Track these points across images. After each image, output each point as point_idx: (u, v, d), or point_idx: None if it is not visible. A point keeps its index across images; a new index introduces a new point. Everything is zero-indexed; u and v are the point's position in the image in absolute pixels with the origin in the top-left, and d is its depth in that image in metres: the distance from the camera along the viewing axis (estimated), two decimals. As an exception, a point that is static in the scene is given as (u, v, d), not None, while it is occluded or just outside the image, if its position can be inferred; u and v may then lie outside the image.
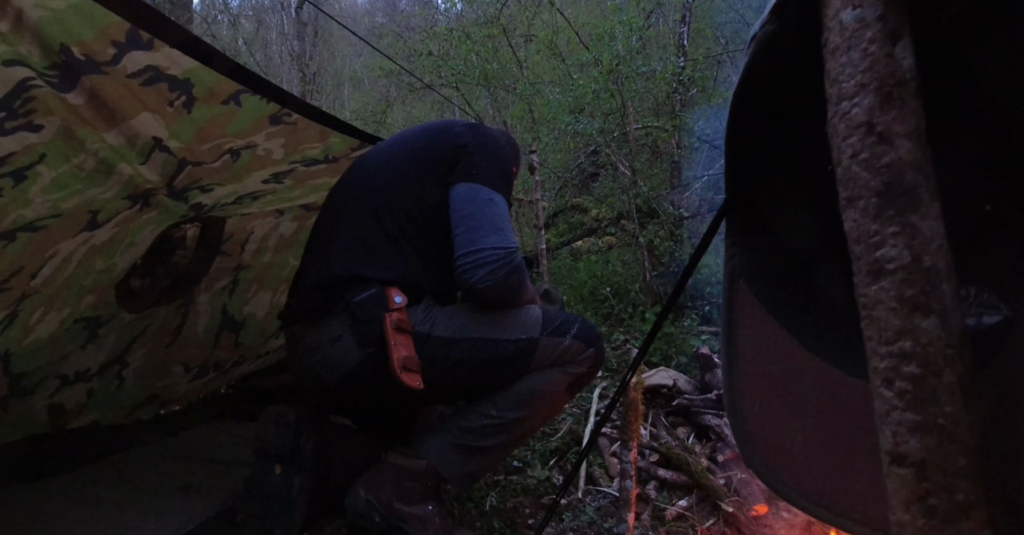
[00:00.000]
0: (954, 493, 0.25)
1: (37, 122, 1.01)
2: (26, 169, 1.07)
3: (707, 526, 1.52)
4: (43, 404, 1.70)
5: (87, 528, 1.36)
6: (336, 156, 1.72)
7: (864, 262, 0.28)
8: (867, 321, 0.28)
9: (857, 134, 0.28)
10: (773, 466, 0.47)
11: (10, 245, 1.22)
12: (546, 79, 4.59)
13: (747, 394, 0.47)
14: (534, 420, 1.34)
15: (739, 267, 0.49)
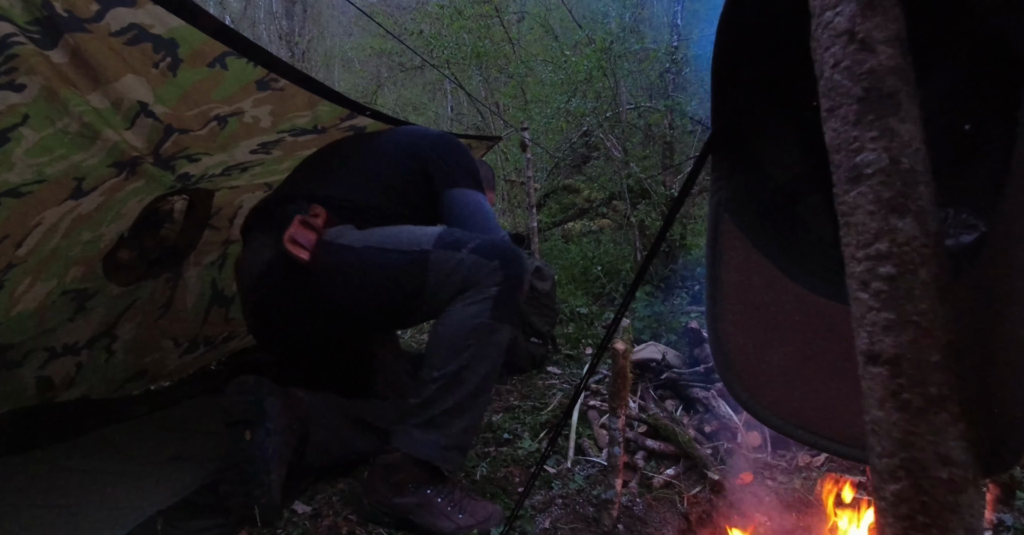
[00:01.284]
0: (927, 387, 0.25)
1: (20, 81, 0.99)
2: (9, 130, 1.06)
3: (693, 493, 1.55)
4: (32, 377, 1.70)
5: (78, 497, 1.37)
6: (325, 126, 1.71)
7: (844, 169, 0.28)
8: (845, 228, 0.28)
9: (839, 43, 0.28)
10: (754, 391, 0.48)
11: (-7, 211, 1.20)
12: (539, 58, 4.55)
13: (730, 322, 0.48)
14: (479, 364, 1.27)
15: (724, 200, 0.50)
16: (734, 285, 0.47)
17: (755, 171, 0.48)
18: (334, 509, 1.38)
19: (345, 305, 1.36)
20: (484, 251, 1.30)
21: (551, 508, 1.44)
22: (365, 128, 1.85)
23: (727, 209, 0.49)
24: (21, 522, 1.26)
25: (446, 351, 1.26)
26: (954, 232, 0.36)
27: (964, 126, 0.35)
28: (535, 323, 2.58)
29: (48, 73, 1.01)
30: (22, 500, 1.37)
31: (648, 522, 1.40)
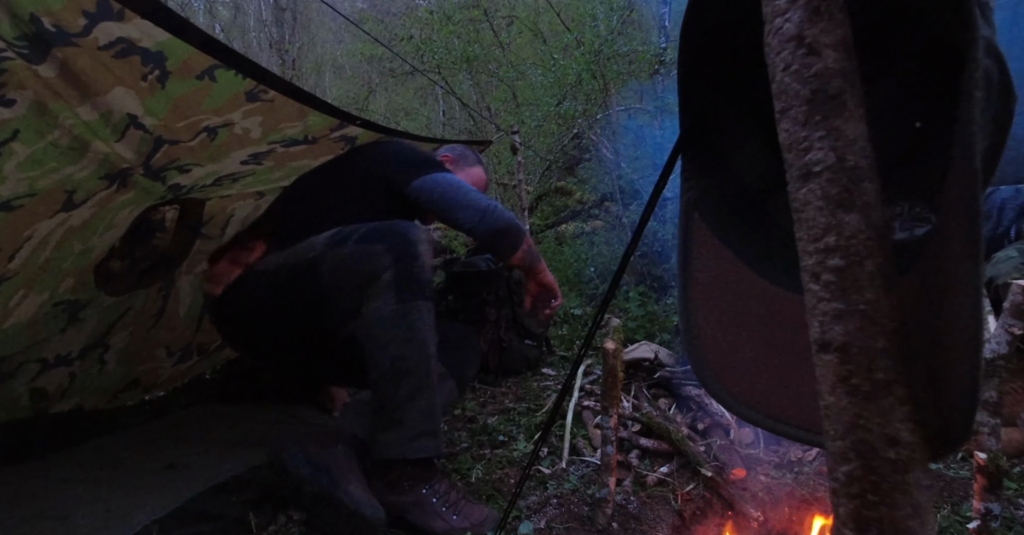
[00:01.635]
0: (874, 372, 0.27)
1: (10, 96, 0.99)
2: (0, 145, 1.06)
3: (687, 490, 1.56)
4: (25, 388, 1.70)
5: (74, 507, 1.37)
6: (315, 136, 1.72)
7: (795, 167, 0.30)
8: (798, 223, 0.30)
9: (788, 47, 0.30)
10: (724, 383, 0.49)
11: (-15, 224, 1.21)
12: (529, 62, 4.58)
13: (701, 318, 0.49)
14: (407, 350, 1.28)
15: (693, 200, 0.51)
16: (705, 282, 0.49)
17: (723, 170, 0.50)
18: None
19: (272, 320, 1.46)
20: (368, 237, 1.33)
21: (546, 508, 1.45)
22: (356, 138, 1.86)
23: (696, 208, 0.50)
24: (18, 533, 1.26)
25: (373, 352, 1.29)
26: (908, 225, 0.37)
27: (915, 124, 0.37)
28: (528, 324, 2.59)
29: (37, 87, 1.02)
30: (18, 511, 1.37)
31: (642, 520, 1.41)
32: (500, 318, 2.55)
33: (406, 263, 1.29)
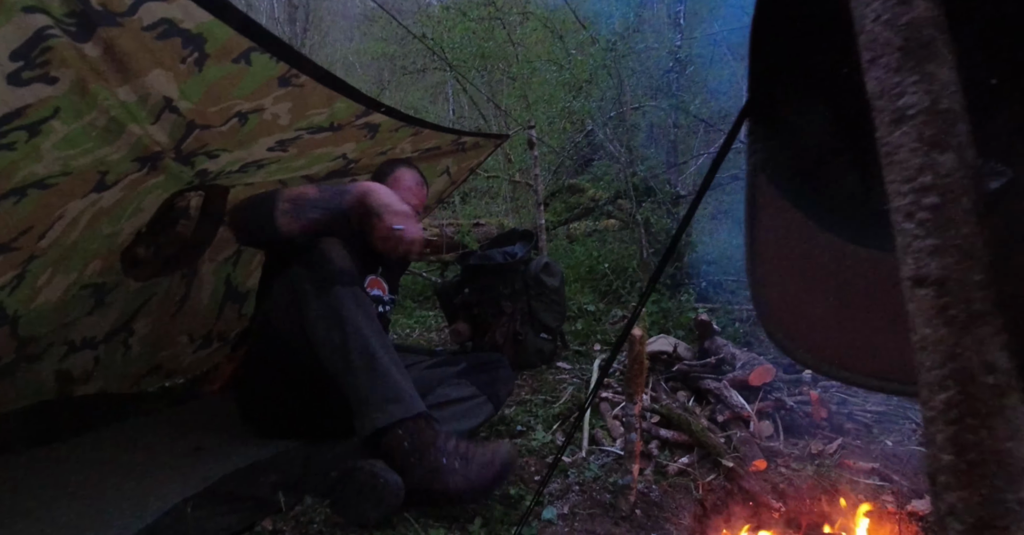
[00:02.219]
0: (971, 303, 0.28)
1: (53, 74, 1.01)
2: (40, 123, 1.08)
3: (708, 481, 1.56)
4: (51, 370, 1.72)
5: (103, 488, 1.38)
6: (340, 123, 1.73)
7: (887, 113, 0.31)
8: (889, 166, 0.31)
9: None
10: (794, 338, 0.50)
11: (20, 202, 1.23)
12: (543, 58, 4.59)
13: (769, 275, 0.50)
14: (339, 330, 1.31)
15: (760, 162, 0.52)
16: (772, 241, 0.50)
17: (788, 133, 0.51)
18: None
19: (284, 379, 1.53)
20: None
21: (568, 494, 1.46)
22: (379, 126, 1.88)
23: (763, 169, 0.51)
24: (50, 513, 1.28)
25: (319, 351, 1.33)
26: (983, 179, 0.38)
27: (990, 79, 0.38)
28: (544, 318, 2.60)
29: (80, 66, 1.04)
30: (48, 491, 1.39)
31: (664, 507, 1.41)
32: (516, 311, 2.56)
33: (314, 264, 1.36)
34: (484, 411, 1.67)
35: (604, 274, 3.71)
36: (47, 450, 1.62)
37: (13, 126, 1.04)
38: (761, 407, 1.81)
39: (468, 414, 1.62)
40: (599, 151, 4.73)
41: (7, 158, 1.10)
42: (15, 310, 1.49)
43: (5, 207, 1.20)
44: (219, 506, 1.26)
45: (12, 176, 1.15)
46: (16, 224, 1.28)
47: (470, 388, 1.65)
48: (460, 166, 2.80)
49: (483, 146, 2.73)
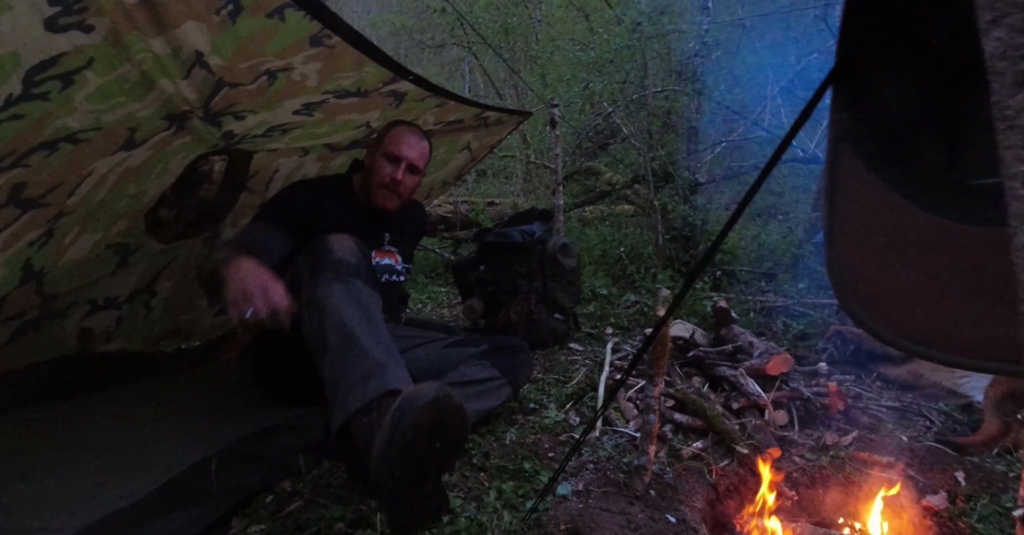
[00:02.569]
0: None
1: (89, 22, 0.99)
2: (74, 73, 1.07)
3: (721, 466, 1.57)
4: (74, 327, 1.73)
5: (124, 442, 1.40)
6: (367, 90, 1.71)
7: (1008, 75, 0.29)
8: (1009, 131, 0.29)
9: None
10: (876, 314, 0.49)
11: (52, 156, 1.22)
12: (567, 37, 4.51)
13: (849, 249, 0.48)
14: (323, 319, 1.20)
15: (844, 131, 0.50)
16: (854, 212, 0.48)
17: (875, 102, 0.49)
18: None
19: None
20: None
21: (583, 472, 1.47)
22: (405, 95, 1.85)
23: (846, 139, 0.49)
24: (74, 465, 1.30)
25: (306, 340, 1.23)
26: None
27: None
28: (558, 299, 2.59)
29: (116, 15, 1.02)
30: (70, 443, 1.41)
31: (678, 489, 1.42)
32: (531, 291, 2.55)
33: (314, 252, 1.31)
34: (502, 394, 1.67)
35: (619, 258, 3.69)
36: (68, 404, 1.64)
37: (48, 75, 1.02)
38: (777, 396, 1.80)
39: (486, 396, 1.62)
40: (617, 134, 4.67)
41: (41, 108, 1.08)
42: (42, 267, 1.49)
43: (37, 160, 1.19)
44: (239, 465, 1.27)
45: (45, 128, 1.13)
46: (47, 179, 1.27)
47: (491, 370, 1.65)
48: (481, 142, 2.77)
49: (505, 123, 2.69)
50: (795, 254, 3.88)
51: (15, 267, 1.44)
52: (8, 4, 0.87)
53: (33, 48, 0.96)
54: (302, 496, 1.25)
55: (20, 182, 1.23)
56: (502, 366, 1.67)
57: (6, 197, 1.23)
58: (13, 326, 1.59)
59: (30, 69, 0.99)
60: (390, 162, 1.73)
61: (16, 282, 1.46)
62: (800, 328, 2.79)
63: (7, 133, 1.08)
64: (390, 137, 1.75)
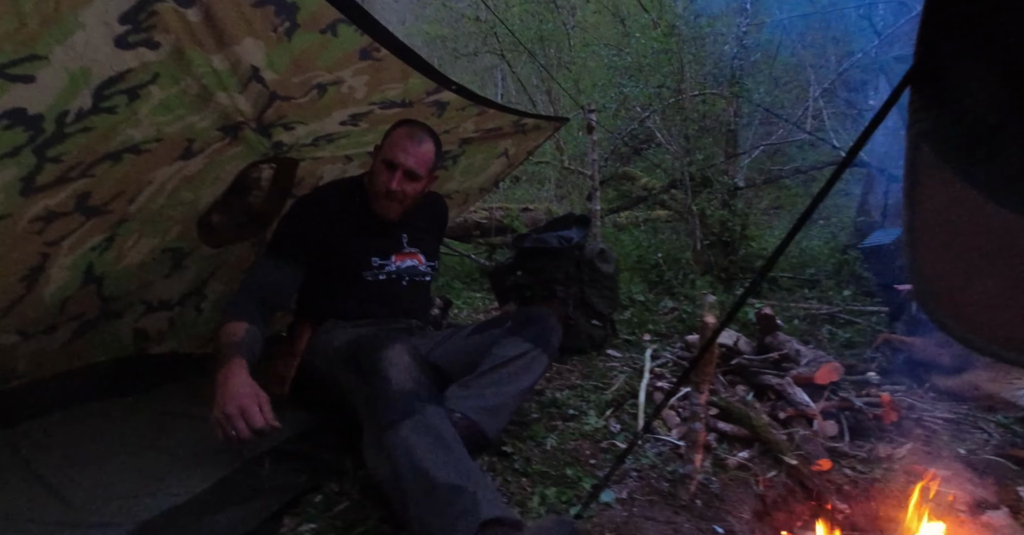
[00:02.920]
0: None
1: (156, 39, 1.04)
2: (140, 87, 1.12)
3: (769, 476, 1.53)
4: (129, 328, 1.80)
5: (178, 439, 1.45)
6: (412, 100, 1.74)
7: None
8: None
9: None
10: (960, 318, 0.47)
11: (116, 166, 1.28)
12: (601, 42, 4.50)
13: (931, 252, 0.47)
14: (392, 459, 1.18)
15: (924, 132, 0.49)
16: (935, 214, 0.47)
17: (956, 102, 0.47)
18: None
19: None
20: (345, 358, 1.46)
21: (626, 480, 1.45)
22: (447, 104, 1.88)
23: (927, 140, 0.48)
24: (134, 460, 1.35)
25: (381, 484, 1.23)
26: None
27: None
28: (596, 304, 2.58)
29: (180, 31, 1.06)
30: (128, 441, 1.46)
31: (725, 500, 1.39)
32: (568, 296, 2.54)
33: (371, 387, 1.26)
34: (540, 364, 1.61)
35: (656, 264, 3.65)
36: (124, 402, 1.70)
37: (116, 89, 1.08)
38: (826, 406, 1.75)
39: (526, 370, 1.56)
40: (653, 139, 4.63)
41: (108, 121, 1.14)
42: (102, 271, 1.56)
43: (102, 170, 1.25)
44: (289, 463, 1.30)
45: (111, 139, 1.19)
46: (110, 188, 1.33)
47: (522, 344, 1.59)
48: (519, 148, 2.78)
49: (542, 129, 2.70)
50: (839, 260, 3.78)
51: (78, 270, 1.51)
52: (81, 22, 0.92)
53: (103, 64, 1.02)
54: (349, 496, 1.27)
55: (86, 191, 1.29)
56: (532, 336, 1.61)
57: (73, 205, 1.30)
58: (74, 326, 1.67)
59: (100, 84, 1.05)
60: (387, 169, 1.64)
61: (78, 284, 1.54)
62: (847, 336, 2.71)
63: (77, 145, 1.14)
64: (389, 140, 1.65)
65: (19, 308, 1.46)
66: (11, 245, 1.25)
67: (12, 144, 1.01)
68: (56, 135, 1.07)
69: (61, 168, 1.15)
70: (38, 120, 1.01)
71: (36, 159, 1.08)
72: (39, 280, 1.42)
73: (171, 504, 1.19)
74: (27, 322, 1.53)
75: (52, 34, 0.89)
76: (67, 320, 1.63)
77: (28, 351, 1.59)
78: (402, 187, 1.64)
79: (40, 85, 0.95)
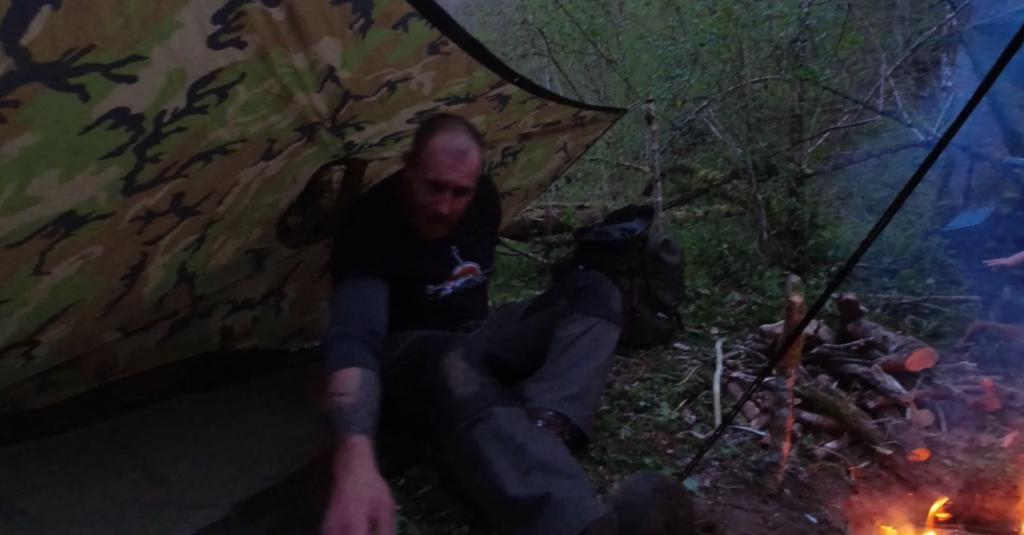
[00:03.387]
0: None
1: (243, 39, 1.09)
2: (228, 87, 1.18)
3: (860, 467, 1.45)
4: (217, 326, 1.91)
5: (263, 428, 1.53)
6: (475, 95, 1.76)
7: None
8: None
9: None
10: None
11: (206, 166, 1.35)
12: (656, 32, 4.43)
13: None
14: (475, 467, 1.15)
15: None
16: None
17: None
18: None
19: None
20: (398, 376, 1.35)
21: (707, 470, 1.42)
22: (509, 98, 1.89)
23: None
24: (223, 448, 1.42)
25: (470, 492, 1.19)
26: None
27: None
28: (662, 297, 2.53)
29: (265, 31, 1.11)
30: (219, 430, 1.55)
31: (815, 490, 1.33)
32: (633, 289, 2.50)
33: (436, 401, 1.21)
34: (609, 334, 1.51)
35: (720, 256, 3.54)
36: (213, 395, 1.80)
37: (208, 89, 1.14)
38: (919, 394, 1.65)
39: (598, 344, 1.47)
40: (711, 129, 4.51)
41: (199, 121, 1.20)
42: (194, 270, 1.65)
43: (194, 170, 1.32)
44: (374, 451, 1.34)
45: (202, 139, 1.26)
46: (201, 189, 1.41)
47: (586, 319, 1.49)
48: (576, 142, 2.77)
49: (600, 121, 2.68)
50: (919, 247, 3.56)
51: (172, 270, 1.61)
52: (179, 22, 0.97)
53: (197, 64, 1.07)
54: (431, 481, 1.29)
55: (180, 191, 1.37)
56: (590, 308, 1.50)
57: (168, 205, 1.38)
58: (168, 324, 1.77)
59: (194, 83, 1.11)
60: (432, 190, 1.43)
61: (173, 283, 1.63)
62: (933, 326, 2.54)
63: (172, 144, 1.21)
64: (429, 156, 1.43)
65: (120, 306, 1.56)
66: (115, 244, 1.34)
67: (116, 144, 1.08)
68: (154, 135, 1.13)
69: (158, 168, 1.22)
70: (139, 120, 1.07)
71: (137, 158, 1.15)
72: (138, 279, 1.52)
73: (263, 486, 1.25)
74: (127, 319, 1.64)
75: (153, 35, 0.95)
76: (162, 318, 1.74)
77: (128, 348, 1.71)
78: (453, 208, 1.46)
79: (141, 85, 1.01)
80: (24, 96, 0.87)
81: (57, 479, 1.30)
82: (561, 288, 1.65)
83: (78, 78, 0.91)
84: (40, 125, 0.92)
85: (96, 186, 1.13)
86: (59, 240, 1.17)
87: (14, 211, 1.03)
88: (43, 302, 1.31)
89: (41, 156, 0.98)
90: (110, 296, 1.50)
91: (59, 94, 0.91)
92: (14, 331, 1.34)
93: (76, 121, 0.97)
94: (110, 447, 1.46)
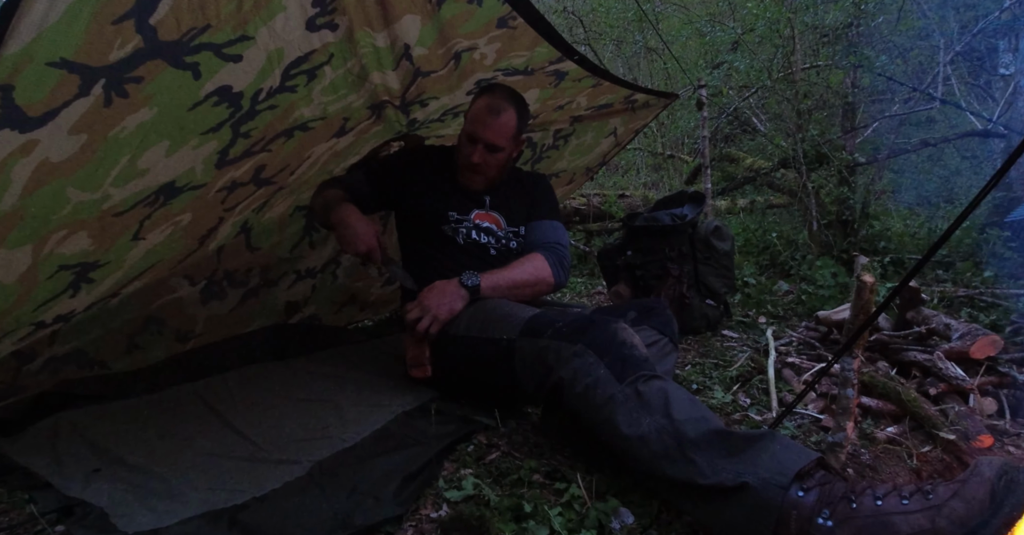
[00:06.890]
0: None
1: (336, 21, 1.14)
2: (317, 68, 1.23)
3: (923, 451, 1.45)
4: (283, 296, 1.99)
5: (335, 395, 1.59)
6: (534, 68, 1.77)
7: None
8: None
9: None
10: None
11: (288, 141, 1.41)
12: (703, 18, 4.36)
13: None
14: (650, 424, 1.10)
15: None
16: None
17: None
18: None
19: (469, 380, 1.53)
20: (565, 335, 1.25)
21: (767, 448, 1.43)
22: (566, 74, 1.89)
23: None
24: (300, 412, 1.49)
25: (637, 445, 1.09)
26: None
27: None
28: (712, 283, 2.52)
29: (354, 12, 1.16)
30: (293, 395, 1.62)
31: (879, 471, 1.33)
32: (682, 275, 2.50)
33: (612, 351, 1.19)
34: (673, 354, 1.58)
35: (767, 246, 3.50)
36: (283, 364, 1.88)
37: (300, 70, 1.19)
38: (983, 382, 1.63)
39: (662, 358, 1.52)
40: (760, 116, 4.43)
41: (288, 99, 1.26)
42: (251, 223, 1.74)
43: (278, 145, 1.39)
44: (437, 417, 1.39)
45: (288, 117, 1.32)
46: (280, 162, 1.47)
47: (654, 333, 1.55)
48: (627, 127, 2.77)
49: (652, 106, 2.68)
50: (975, 239, 3.46)
51: (237, 227, 1.70)
52: (284, 4, 1.02)
53: (294, 45, 1.13)
54: (498, 448, 1.34)
55: (262, 164, 1.44)
56: (658, 325, 1.58)
57: (250, 177, 1.45)
58: (241, 292, 1.86)
59: (289, 64, 1.16)
60: (469, 142, 1.67)
61: (233, 235, 1.72)
62: (991, 319, 2.48)
63: (264, 121, 1.27)
64: (471, 113, 1.67)
65: (190, 260, 1.65)
66: (202, 212, 1.41)
67: (218, 120, 1.14)
68: (249, 112, 1.19)
69: (248, 143, 1.29)
70: (239, 97, 1.13)
71: (232, 134, 1.22)
72: (209, 237, 1.59)
73: (341, 447, 1.32)
74: (192, 269, 1.73)
75: (261, 16, 1.00)
76: (234, 286, 1.83)
77: (205, 314, 1.80)
78: (484, 159, 1.66)
79: (245, 64, 1.07)
80: (148, 73, 0.93)
81: (152, 434, 1.39)
82: (630, 304, 1.74)
83: (193, 56, 0.97)
84: (158, 100, 0.99)
85: (195, 159, 1.20)
86: (157, 209, 1.25)
87: (125, 181, 1.10)
88: (135, 264, 1.39)
89: (154, 130, 1.04)
90: (185, 252, 1.58)
91: (177, 71, 0.97)
92: (104, 290, 1.42)
93: (187, 97, 1.04)
94: (196, 408, 1.54)
